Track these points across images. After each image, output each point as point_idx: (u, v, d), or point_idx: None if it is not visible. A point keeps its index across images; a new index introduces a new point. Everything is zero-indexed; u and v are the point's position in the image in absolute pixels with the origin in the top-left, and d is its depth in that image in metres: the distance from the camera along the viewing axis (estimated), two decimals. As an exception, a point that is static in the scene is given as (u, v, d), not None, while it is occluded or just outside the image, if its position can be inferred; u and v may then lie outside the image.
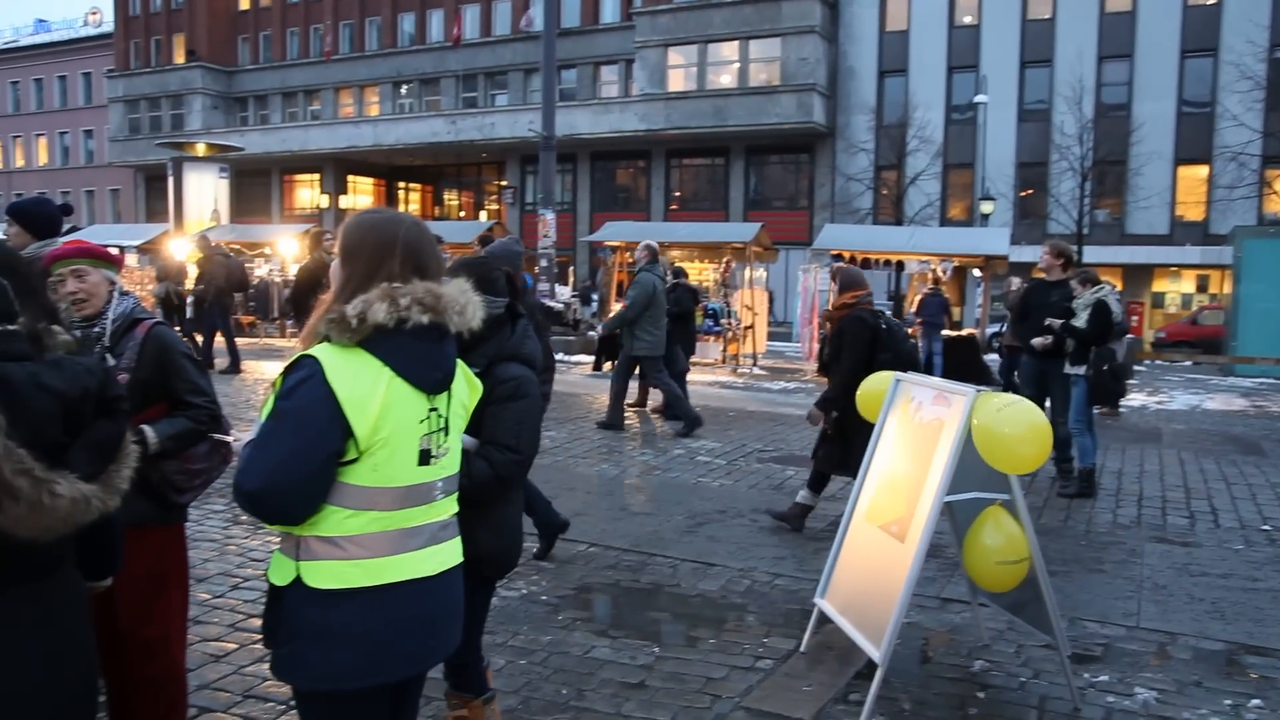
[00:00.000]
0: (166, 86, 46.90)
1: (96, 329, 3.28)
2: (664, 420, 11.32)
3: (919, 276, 18.28)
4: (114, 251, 3.53)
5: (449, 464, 2.33)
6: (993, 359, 15.99)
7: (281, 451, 2.08)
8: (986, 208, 28.44)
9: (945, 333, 15.62)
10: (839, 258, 17.55)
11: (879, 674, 3.85)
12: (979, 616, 4.79)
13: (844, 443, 6.28)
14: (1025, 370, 8.58)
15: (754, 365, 17.63)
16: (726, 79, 35.62)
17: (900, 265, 18.50)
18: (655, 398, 11.86)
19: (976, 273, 17.10)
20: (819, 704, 4.02)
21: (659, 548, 6.23)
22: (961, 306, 18.13)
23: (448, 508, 2.35)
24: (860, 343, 6.20)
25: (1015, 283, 13.67)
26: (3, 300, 2.12)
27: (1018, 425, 3.80)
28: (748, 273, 18.43)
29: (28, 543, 1.96)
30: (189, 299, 14.20)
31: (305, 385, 2.10)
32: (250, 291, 22.46)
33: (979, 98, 29.68)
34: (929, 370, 14.94)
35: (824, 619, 4.55)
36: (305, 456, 2.08)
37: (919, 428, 4.29)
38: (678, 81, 36.04)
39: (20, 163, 55.72)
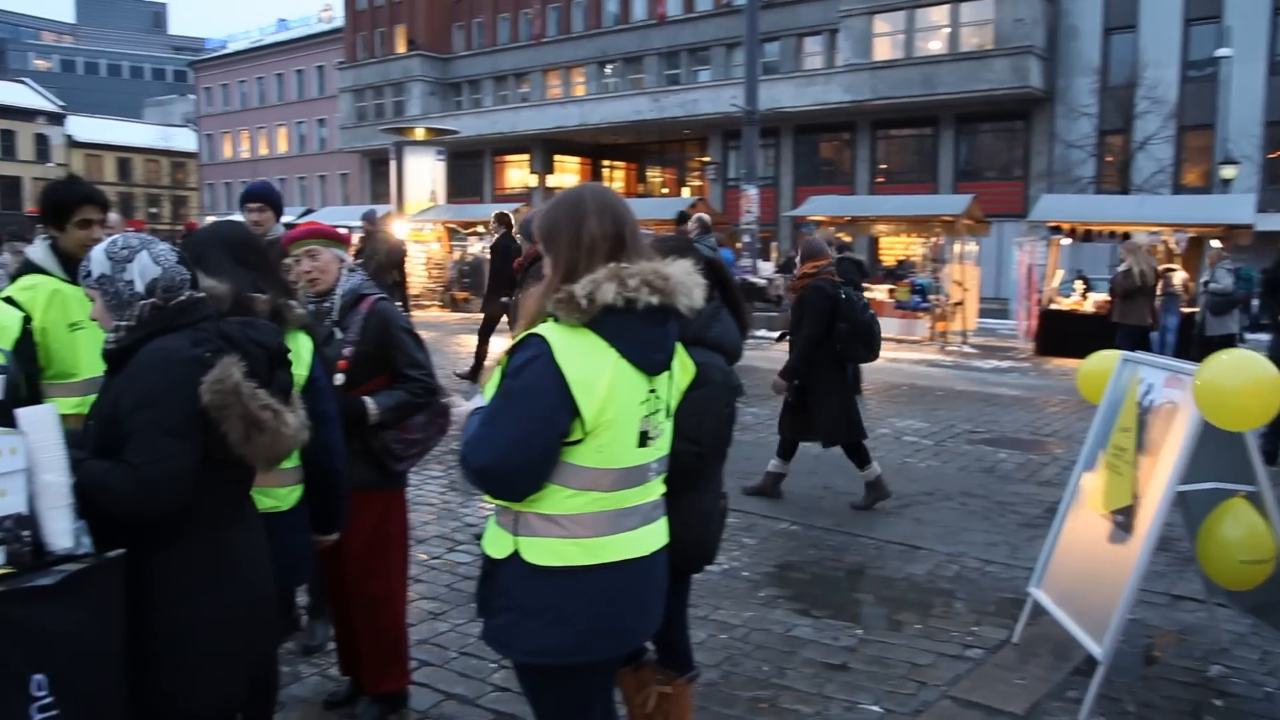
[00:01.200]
0: (389, 75, 49.55)
1: (327, 304, 3.52)
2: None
3: (1148, 249, 16.98)
4: (343, 231, 3.77)
5: (663, 445, 2.33)
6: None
7: (510, 430, 2.10)
8: (1228, 172, 26.08)
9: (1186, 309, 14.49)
10: (1057, 230, 16.58)
11: (1100, 671, 3.63)
12: (1216, 617, 4.43)
13: (807, 409, 6.52)
14: (1274, 350, 7.86)
15: (964, 343, 16.95)
16: (936, 45, 34.15)
17: (1126, 237, 17.27)
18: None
19: (1215, 244, 15.71)
20: (1033, 698, 3.84)
21: (863, 528, 6.11)
22: (1195, 281, 16.77)
23: (659, 488, 2.36)
24: (819, 312, 6.28)
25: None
26: (191, 270, 2.42)
27: (1243, 376, 3.50)
28: (958, 247, 17.72)
29: (239, 479, 2.42)
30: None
31: (534, 364, 2.10)
32: (461, 268, 23.52)
33: (1222, 51, 27.15)
34: (1162, 348, 13.90)
35: (1039, 610, 4.34)
36: (533, 436, 2.09)
37: (1149, 411, 3.99)
38: (884, 50, 34.86)
39: (264, 151, 60.39)
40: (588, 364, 2.12)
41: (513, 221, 11.62)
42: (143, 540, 2.26)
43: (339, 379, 3.34)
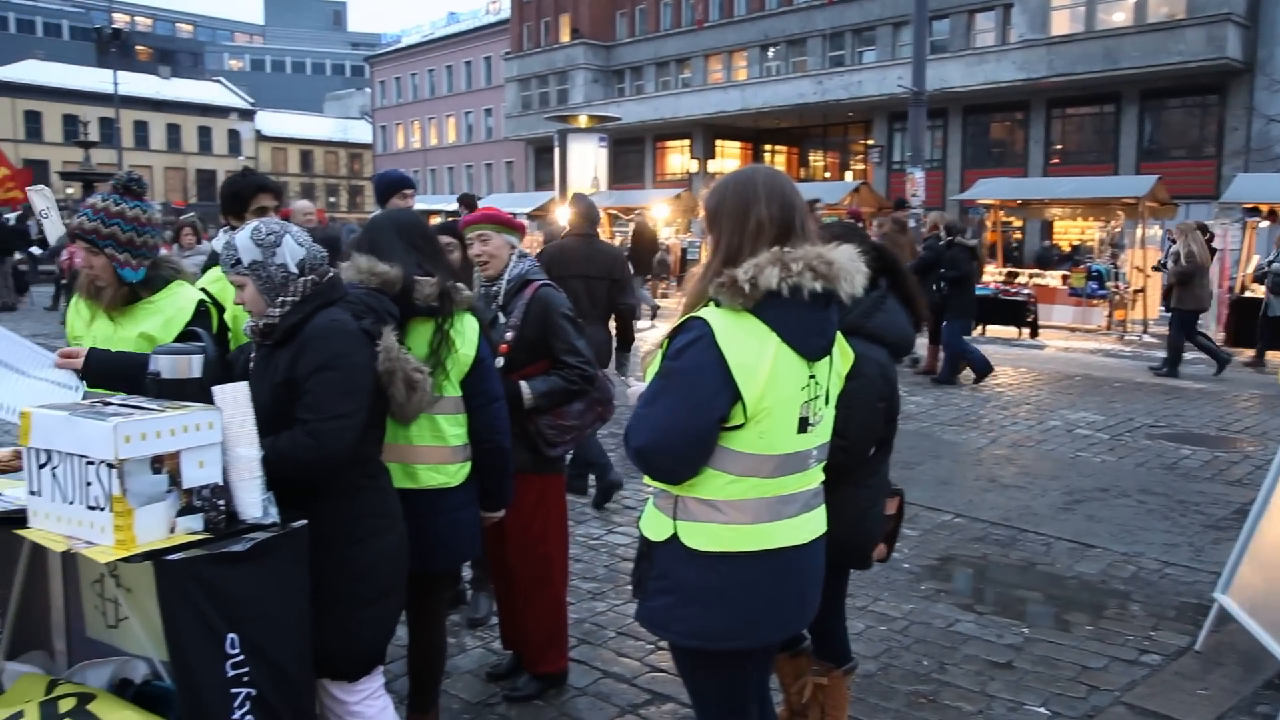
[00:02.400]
0: (553, 64, 50.50)
1: (495, 288, 3.62)
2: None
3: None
4: (516, 217, 3.84)
5: (823, 432, 2.30)
6: None
7: (670, 411, 2.10)
8: None
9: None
10: (1254, 212, 15.43)
11: (1295, 686, 3.39)
12: None
13: None
14: None
15: (1144, 332, 16.02)
16: (1120, 17, 32.19)
17: (1335, 219, 15.89)
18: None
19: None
20: (1217, 711, 3.61)
21: (1031, 523, 5.87)
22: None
23: (819, 475, 2.33)
24: None
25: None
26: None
27: None
28: (1139, 231, 16.73)
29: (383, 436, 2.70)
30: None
31: (695, 347, 2.09)
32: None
33: None
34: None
35: (1225, 617, 4.07)
36: (693, 418, 2.09)
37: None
38: (1062, 24, 33.10)
39: (434, 141, 62.64)
40: (749, 348, 2.10)
41: (476, 203, 11.52)
42: (322, 492, 2.50)
43: (499, 362, 3.44)
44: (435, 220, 14.20)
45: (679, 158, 45.80)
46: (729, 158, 44.71)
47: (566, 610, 3.86)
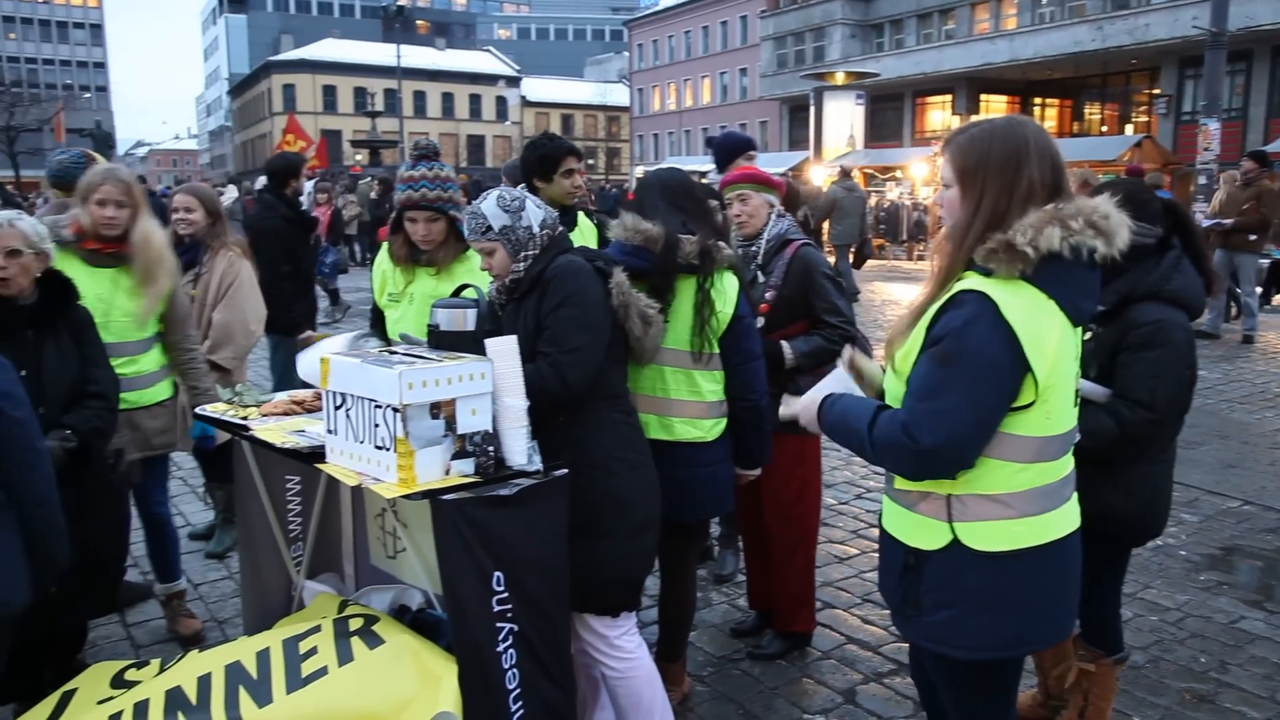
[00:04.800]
0: (810, 20, 49.51)
1: (754, 248, 3.62)
2: None
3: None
4: (776, 177, 3.83)
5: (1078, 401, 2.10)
6: None
7: (964, 401, 1.85)
8: None
9: None
10: None
11: None
12: None
13: None
14: None
15: None
16: None
17: None
18: None
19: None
20: None
21: (1337, 516, 5.26)
22: None
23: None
24: None
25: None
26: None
27: None
28: None
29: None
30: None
31: (979, 326, 1.84)
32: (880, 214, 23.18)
33: None
34: None
35: None
36: (990, 406, 1.87)
37: None
38: (1403, -54, 28.82)
39: (689, 102, 63.21)
40: (1035, 320, 1.86)
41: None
42: (586, 426, 2.67)
43: (759, 322, 3.44)
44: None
45: (940, 114, 43.80)
46: (994, 112, 42.24)
47: (814, 572, 3.85)
